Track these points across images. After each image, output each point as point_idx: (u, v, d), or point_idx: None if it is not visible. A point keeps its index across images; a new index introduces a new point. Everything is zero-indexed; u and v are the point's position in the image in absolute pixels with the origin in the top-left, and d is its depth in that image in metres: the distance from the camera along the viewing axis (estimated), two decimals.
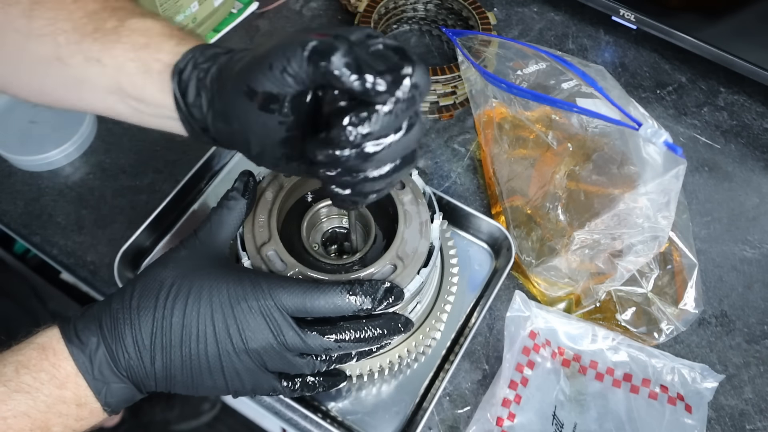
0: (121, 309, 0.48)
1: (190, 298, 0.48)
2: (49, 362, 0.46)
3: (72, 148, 0.82)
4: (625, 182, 0.70)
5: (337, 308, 0.48)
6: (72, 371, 0.46)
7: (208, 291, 0.48)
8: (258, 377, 0.49)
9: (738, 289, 0.77)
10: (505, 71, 0.80)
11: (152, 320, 0.47)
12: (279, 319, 0.48)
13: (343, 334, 0.49)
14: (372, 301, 0.49)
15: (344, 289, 0.49)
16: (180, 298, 0.48)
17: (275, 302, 0.48)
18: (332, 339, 0.49)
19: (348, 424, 0.66)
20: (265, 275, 0.50)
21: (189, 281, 0.48)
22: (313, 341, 0.48)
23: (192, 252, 0.52)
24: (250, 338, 0.47)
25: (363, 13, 0.91)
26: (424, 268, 0.57)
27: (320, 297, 0.48)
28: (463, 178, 0.84)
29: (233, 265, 0.53)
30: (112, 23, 0.51)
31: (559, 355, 0.70)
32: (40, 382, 0.45)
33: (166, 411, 1.43)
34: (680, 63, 0.97)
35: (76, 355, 0.46)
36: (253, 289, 0.48)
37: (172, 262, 0.51)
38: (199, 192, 0.79)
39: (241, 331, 0.47)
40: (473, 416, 0.66)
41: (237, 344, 0.47)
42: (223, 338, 0.47)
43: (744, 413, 0.69)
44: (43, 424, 0.46)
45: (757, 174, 0.87)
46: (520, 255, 0.74)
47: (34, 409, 0.45)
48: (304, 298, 0.48)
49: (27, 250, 1.35)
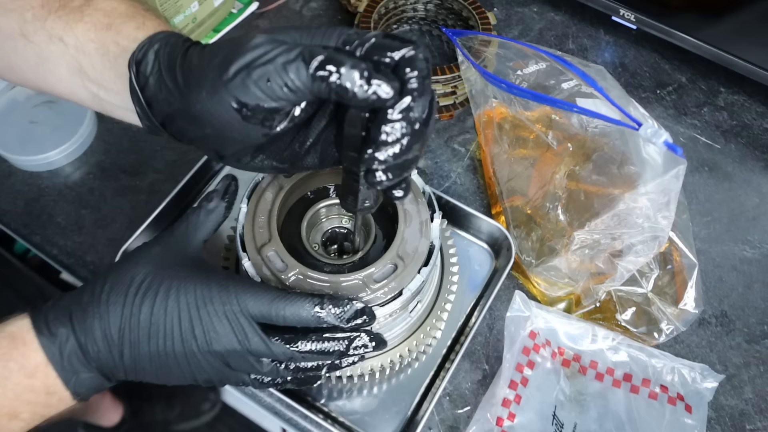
0: (91, 302, 0.48)
1: (159, 295, 0.48)
2: (19, 352, 0.46)
3: (72, 148, 0.82)
4: (625, 182, 0.70)
5: (301, 320, 0.48)
6: (41, 361, 0.46)
7: (176, 290, 0.48)
8: (224, 373, 0.50)
9: (738, 289, 0.77)
10: (505, 71, 0.80)
11: (121, 315, 0.47)
12: (244, 323, 0.47)
13: (307, 345, 0.49)
14: (338, 318, 0.49)
15: (312, 302, 0.48)
16: (149, 295, 0.48)
17: (240, 307, 0.47)
18: (297, 348, 0.48)
19: (348, 424, 0.66)
20: (235, 279, 0.50)
21: (159, 278, 0.48)
22: (277, 348, 0.48)
23: (165, 249, 0.52)
24: (215, 340, 0.47)
25: (363, 13, 0.91)
26: (424, 267, 0.57)
27: (286, 306, 0.48)
28: (463, 178, 0.84)
29: (205, 266, 0.52)
30: (79, 1, 0.50)
31: (559, 355, 0.70)
32: (9, 371, 0.46)
33: (166, 411, 1.43)
34: (680, 63, 0.97)
35: (47, 347, 0.46)
36: (220, 293, 0.48)
37: (144, 258, 0.50)
38: (199, 192, 0.79)
39: (205, 332, 0.47)
40: (473, 416, 0.66)
41: (201, 345, 0.47)
42: (188, 338, 0.47)
43: (744, 413, 0.69)
44: (11, 411, 0.46)
45: (757, 174, 0.87)
46: (520, 255, 0.74)
47: (2, 396, 0.45)
48: (270, 305, 0.48)
49: (27, 250, 1.35)
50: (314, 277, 0.55)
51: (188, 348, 0.48)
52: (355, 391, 0.68)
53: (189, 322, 0.47)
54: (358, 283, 0.55)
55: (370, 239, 0.62)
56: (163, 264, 0.50)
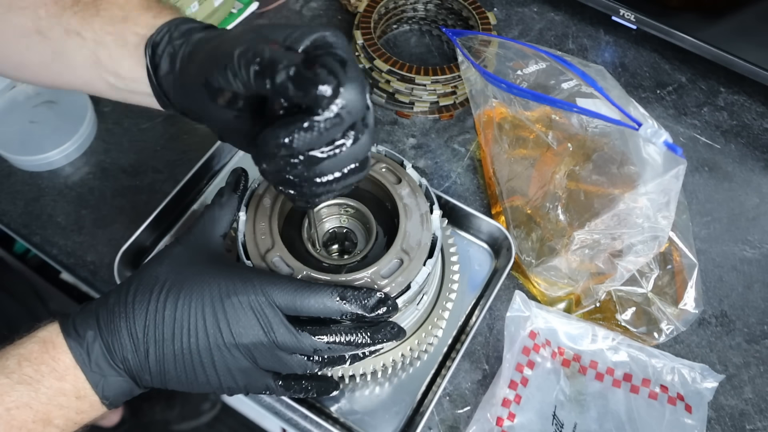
0: (117, 303, 0.48)
1: (183, 292, 0.48)
2: (49, 355, 0.47)
3: (72, 148, 0.82)
4: (625, 182, 0.70)
5: (326, 309, 0.49)
6: (71, 364, 0.47)
7: (200, 286, 0.48)
8: (250, 374, 0.50)
9: (738, 289, 0.77)
10: (505, 71, 0.80)
11: (146, 313, 0.48)
12: (270, 315, 0.48)
13: (335, 337, 0.49)
14: (362, 308, 0.49)
15: (336, 291, 0.49)
16: (173, 292, 0.48)
17: (266, 298, 0.48)
18: (323, 340, 0.49)
19: (348, 424, 0.66)
20: (257, 272, 0.51)
21: (183, 276, 0.49)
22: (305, 340, 0.48)
23: (186, 248, 0.52)
24: (241, 333, 0.47)
25: (363, 13, 0.91)
26: (429, 259, 0.58)
27: (311, 297, 0.48)
28: (463, 178, 0.84)
29: (227, 261, 0.53)
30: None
31: (559, 355, 0.70)
32: (41, 374, 0.46)
33: (166, 411, 1.43)
34: (680, 63, 0.97)
35: (74, 348, 0.47)
36: (244, 285, 0.48)
37: (167, 258, 0.51)
38: (199, 192, 0.79)
39: (231, 325, 0.47)
40: (473, 416, 0.66)
41: (227, 339, 0.48)
42: (214, 332, 0.47)
43: (744, 413, 0.69)
44: (45, 416, 0.46)
45: (757, 174, 0.87)
46: (520, 255, 0.74)
47: (35, 400, 0.46)
48: (295, 296, 0.48)
49: (27, 250, 1.34)
50: (321, 279, 0.55)
51: (213, 343, 0.48)
52: (355, 391, 0.68)
53: (213, 315, 0.47)
54: (366, 280, 0.55)
55: (372, 237, 0.62)
56: (186, 262, 0.51)
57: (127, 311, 0.48)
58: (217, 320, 0.47)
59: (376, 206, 0.63)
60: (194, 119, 0.53)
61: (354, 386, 0.68)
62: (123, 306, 0.48)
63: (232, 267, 0.51)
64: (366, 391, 0.68)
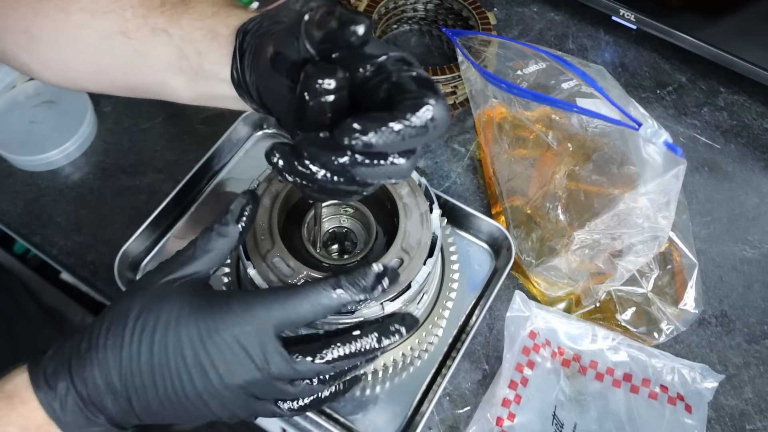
0: (89, 348, 0.44)
1: (158, 332, 0.43)
2: (17, 413, 0.43)
3: (72, 148, 0.82)
4: (625, 182, 0.70)
5: (325, 308, 0.44)
6: (44, 421, 0.43)
7: (175, 324, 0.43)
8: (251, 405, 0.45)
9: (738, 289, 0.77)
10: (505, 71, 0.80)
11: (120, 360, 0.43)
12: (262, 345, 0.42)
13: (337, 351, 0.43)
14: (363, 290, 0.44)
15: (328, 284, 0.44)
16: (146, 332, 0.43)
17: (254, 326, 0.42)
18: (323, 361, 0.43)
19: (348, 424, 0.66)
20: (238, 295, 0.44)
21: (156, 312, 0.44)
22: (302, 366, 0.43)
23: (166, 276, 0.46)
24: (231, 373, 0.42)
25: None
26: (429, 259, 0.58)
27: (303, 301, 0.43)
28: (463, 178, 0.84)
29: (205, 291, 0.47)
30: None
31: (559, 355, 0.70)
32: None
33: None
34: (680, 63, 0.97)
35: (46, 404, 0.43)
36: (224, 317, 0.43)
37: (143, 289, 0.45)
38: (199, 192, 0.79)
39: (217, 367, 0.42)
40: (473, 416, 0.66)
41: (216, 382, 0.43)
42: (200, 377, 0.43)
43: (744, 413, 0.69)
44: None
45: (757, 174, 0.87)
46: (520, 255, 0.74)
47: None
48: (285, 307, 0.43)
49: (27, 250, 1.34)
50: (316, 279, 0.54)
51: (202, 387, 0.43)
52: (355, 391, 0.68)
53: (194, 358, 0.42)
54: None
55: (372, 237, 0.62)
56: (162, 294, 0.45)
57: (99, 358, 0.43)
58: (201, 364, 0.42)
59: (375, 206, 0.63)
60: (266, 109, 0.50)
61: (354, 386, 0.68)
62: (95, 351, 0.43)
63: (212, 297, 0.45)
64: (366, 391, 0.68)
